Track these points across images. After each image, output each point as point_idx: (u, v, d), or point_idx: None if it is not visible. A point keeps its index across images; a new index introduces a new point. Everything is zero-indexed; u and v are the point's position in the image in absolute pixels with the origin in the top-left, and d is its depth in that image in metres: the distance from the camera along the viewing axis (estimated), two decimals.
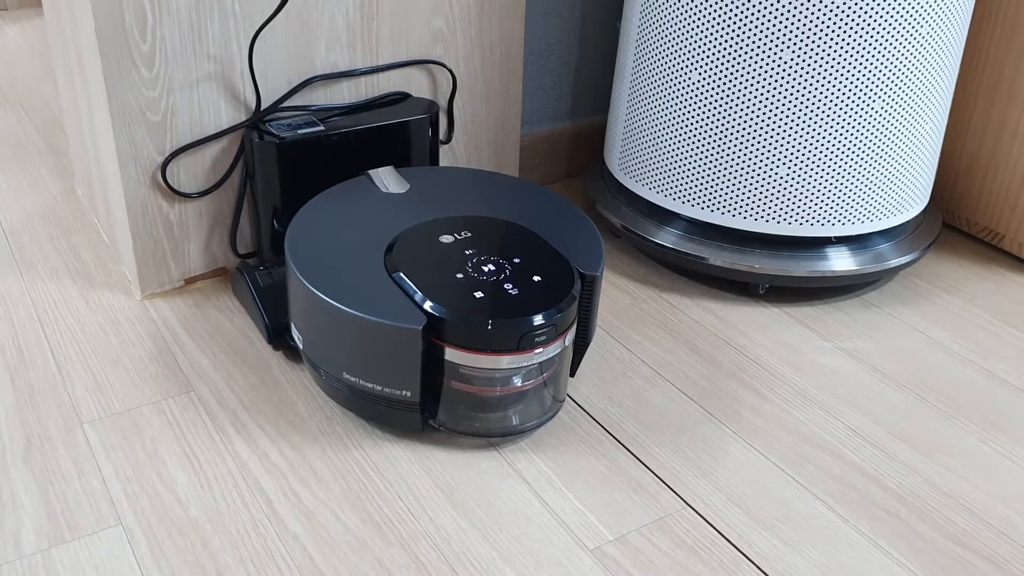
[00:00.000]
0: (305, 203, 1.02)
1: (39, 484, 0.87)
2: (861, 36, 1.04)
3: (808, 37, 1.05)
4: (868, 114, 1.09)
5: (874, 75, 1.07)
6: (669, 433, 0.97)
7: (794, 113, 1.08)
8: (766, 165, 1.11)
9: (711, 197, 1.16)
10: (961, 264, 1.30)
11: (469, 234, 0.97)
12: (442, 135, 1.25)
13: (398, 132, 1.14)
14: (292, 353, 1.05)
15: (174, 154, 1.08)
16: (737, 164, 1.12)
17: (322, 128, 1.10)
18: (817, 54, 1.05)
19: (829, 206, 1.13)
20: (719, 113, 1.11)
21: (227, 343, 1.07)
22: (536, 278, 0.91)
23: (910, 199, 1.18)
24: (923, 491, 0.91)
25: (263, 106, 1.11)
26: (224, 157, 1.12)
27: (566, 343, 0.92)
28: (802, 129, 1.09)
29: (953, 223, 1.37)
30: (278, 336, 1.03)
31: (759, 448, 0.96)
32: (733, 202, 1.15)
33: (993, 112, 1.28)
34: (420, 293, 0.88)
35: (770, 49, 1.06)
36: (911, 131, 1.12)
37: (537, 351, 0.88)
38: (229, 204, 1.14)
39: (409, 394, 0.89)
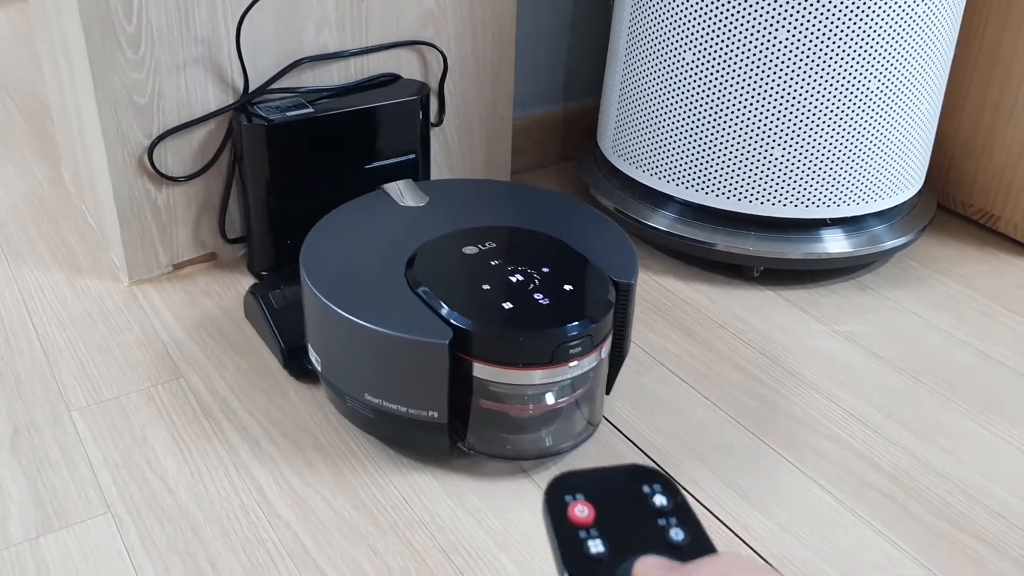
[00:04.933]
0: (323, 217, 0.96)
1: (26, 473, 0.86)
2: (856, 17, 1.03)
3: (803, 17, 1.03)
4: (863, 95, 1.08)
5: (869, 56, 1.05)
6: (663, 417, 0.96)
7: (788, 94, 1.07)
8: (760, 147, 1.10)
9: (705, 179, 1.14)
10: (956, 246, 1.29)
11: (493, 244, 0.91)
12: (433, 117, 1.24)
13: (388, 114, 1.13)
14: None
15: (161, 137, 1.07)
16: (731, 146, 1.11)
17: (311, 110, 1.08)
18: (812, 35, 1.04)
19: (824, 188, 1.12)
20: (713, 94, 1.10)
21: (216, 330, 1.06)
22: (567, 287, 0.85)
23: (905, 181, 1.17)
24: (919, 473, 0.91)
25: (251, 88, 1.09)
26: (212, 140, 1.10)
27: (602, 355, 0.86)
28: (797, 110, 1.08)
29: (948, 205, 1.36)
30: (294, 360, 0.97)
31: (755, 432, 0.95)
32: (727, 184, 1.14)
33: (988, 94, 1.27)
34: (445, 306, 0.82)
35: (764, 30, 1.05)
36: (906, 112, 1.11)
37: (572, 364, 0.82)
38: (217, 188, 1.13)
39: (436, 415, 0.83)
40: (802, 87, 1.07)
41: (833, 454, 0.92)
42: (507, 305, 0.83)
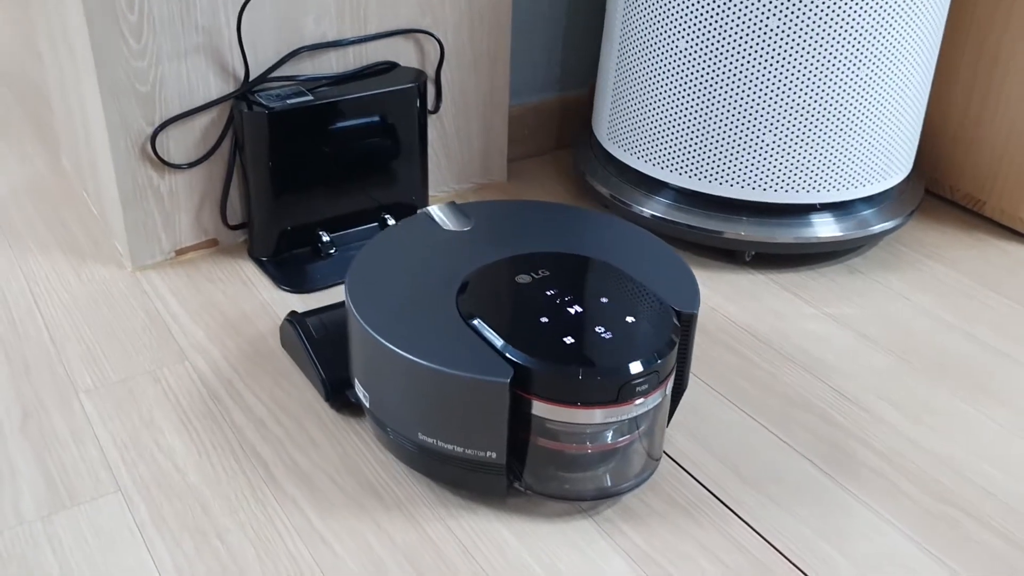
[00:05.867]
0: (367, 244, 0.92)
1: (36, 453, 0.88)
2: (845, 4, 1.05)
3: (793, 5, 1.05)
4: (852, 82, 1.10)
5: (858, 43, 1.08)
6: None
7: (779, 81, 1.09)
8: (752, 133, 1.12)
9: (698, 166, 1.17)
10: (944, 230, 1.32)
11: (547, 273, 0.87)
12: (430, 105, 1.26)
13: (387, 101, 1.15)
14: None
15: (163, 125, 1.08)
16: (724, 133, 1.13)
17: (311, 98, 1.10)
18: (803, 21, 1.06)
19: (814, 173, 1.15)
20: (706, 82, 1.12)
21: (220, 313, 1.08)
22: (629, 319, 0.81)
23: (894, 166, 1.20)
24: (909, 452, 0.93)
25: (252, 77, 1.11)
26: (213, 128, 1.12)
27: (666, 392, 0.82)
28: (787, 97, 1.10)
29: (936, 190, 1.39)
30: (338, 393, 0.93)
31: (747, 411, 0.97)
32: (720, 170, 1.16)
33: (977, 80, 1.30)
34: (502, 340, 0.78)
35: (755, 17, 1.07)
36: (895, 99, 1.14)
37: (637, 402, 0.78)
38: (219, 175, 1.14)
39: (495, 455, 0.80)
40: (792, 74, 1.09)
41: (824, 433, 0.95)
42: (568, 340, 0.78)
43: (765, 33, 1.07)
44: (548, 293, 0.84)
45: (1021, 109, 1.26)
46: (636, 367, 0.77)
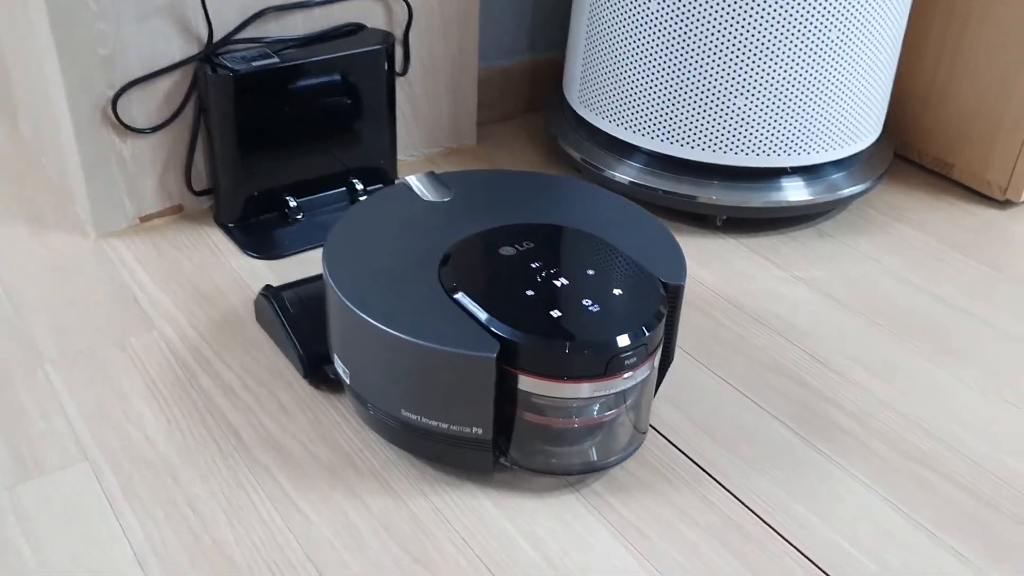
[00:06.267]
0: (344, 215, 0.90)
1: (2, 424, 0.86)
2: None
3: None
4: (823, 45, 1.09)
5: (830, 7, 1.07)
6: None
7: (750, 44, 1.09)
8: (724, 96, 1.12)
9: (670, 129, 1.16)
10: (912, 194, 1.33)
11: (531, 244, 0.85)
12: (398, 67, 1.24)
13: (354, 64, 1.13)
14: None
15: (125, 88, 1.06)
16: (695, 96, 1.13)
17: (277, 60, 1.08)
18: None
19: (785, 136, 1.14)
20: (677, 45, 1.11)
21: (187, 280, 1.06)
22: (617, 291, 0.80)
23: (863, 129, 1.20)
24: (878, 411, 0.94)
25: (216, 39, 1.08)
26: (177, 91, 1.09)
27: (654, 365, 0.82)
28: (759, 60, 1.09)
29: (904, 154, 1.39)
30: (316, 369, 0.91)
31: (720, 374, 0.97)
32: (692, 134, 1.15)
33: (946, 43, 1.30)
34: (487, 314, 0.77)
35: None
36: (865, 62, 1.14)
37: (625, 376, 0.77)
38: (183, 139, 1.12)
39: (481, 431, 0.78)
40: (764, 37, 1.08)
41: (795, 395, 0.95)
42: (555, 313, 0.77)
43: None
44: (533, 265, 0.82)
45: (989, 74, 1.26)
46: (624, 340, 0.76)
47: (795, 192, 1.18)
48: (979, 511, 0.83)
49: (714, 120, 1.14)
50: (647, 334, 0.77)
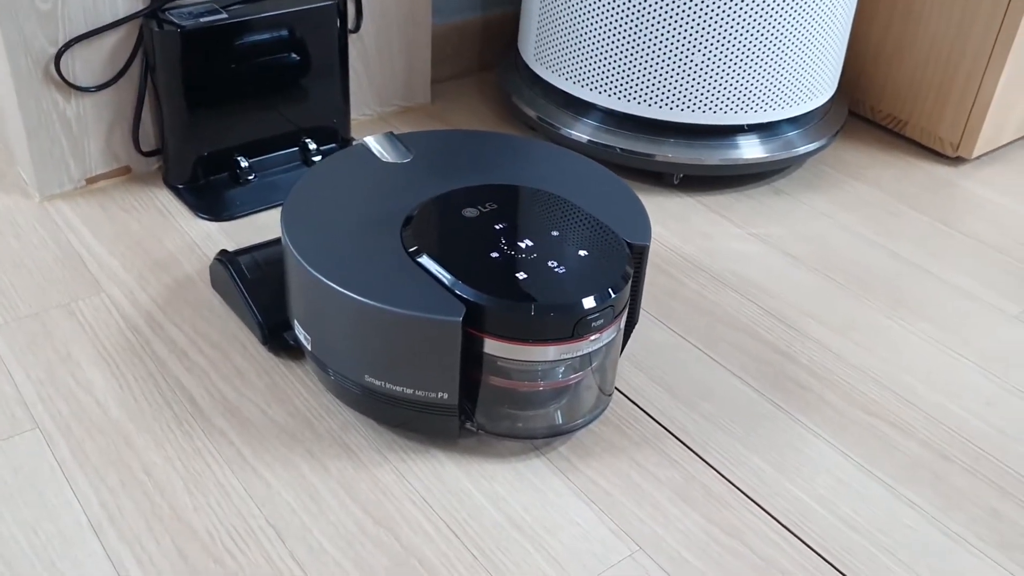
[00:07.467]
0: (301, 178, 0.87)
1: None
2: None
3: None
4: (779, 1, 1.09)
5: None
6: None
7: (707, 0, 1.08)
8: (680, 53, 1.11)
9: (626, 87, 1.15)
10: (866, 151, 1.33)
11: (495, 206, 0.83)
12: (351, 24, 1.21)
13: (305, 20, 1.10)
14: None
15: (68, 45, 1.02)
16: (652, 53, 1.12)
17: (225, 16, 1.05)
18: None
19: (741, 94, 1.14)
20: (634, 1, 1.10)
21: (136, 243, 1.04)
22: (582, 252, 0.79)
23: (818, 87, 1.20)
24: (834, 365, 0.95)
25: None
26: (122, 48, 1.06)
27: (620, 327, 0.80)
28: (715, 17, 1.09)
29: (858, 110, 1.40)
30: (275, 336, 0.89)
31: (678, 331, 0.98)
32: (648, 91, 1.14)
33: (898, 1, 1.30)
34: (451, 277, 0.75)
35: None
36: (820, 19, 1.13)
37: (592, 338, 0.76)
38: (129, 98, 1.09)
39: (446, 396, 0.77)
40: None
41: (752, 349, 0.96)
42: (521, 275, 0.76)
43: None
44: (497, 227, 0.81)
45: (941, 31, 1.27)
46: (590, 302, 0.75)
47: (751, 150, 1.18)
48: (932, 461, 0.85)
49: (670, 77, 1.13)
50: (613, 296, 0.76)
